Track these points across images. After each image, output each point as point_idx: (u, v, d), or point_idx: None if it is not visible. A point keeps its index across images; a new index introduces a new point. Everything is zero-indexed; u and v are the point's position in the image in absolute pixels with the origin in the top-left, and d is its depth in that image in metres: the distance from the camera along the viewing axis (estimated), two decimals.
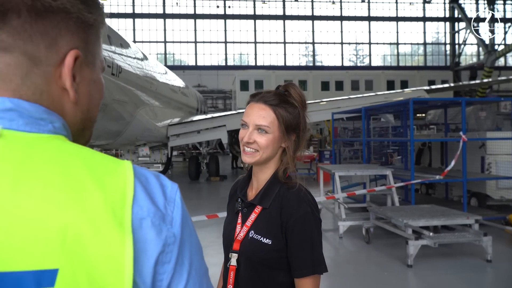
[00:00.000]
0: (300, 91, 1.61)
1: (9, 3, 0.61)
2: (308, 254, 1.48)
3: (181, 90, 18.29)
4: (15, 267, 0.53)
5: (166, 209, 0.64)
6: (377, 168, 8.12)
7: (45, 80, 0.65)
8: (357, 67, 39.42)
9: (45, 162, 0.59)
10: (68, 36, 0.66)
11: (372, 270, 5.44)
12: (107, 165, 0.62)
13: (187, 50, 38.92)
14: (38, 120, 0.63)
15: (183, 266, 0.64)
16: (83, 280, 0.55)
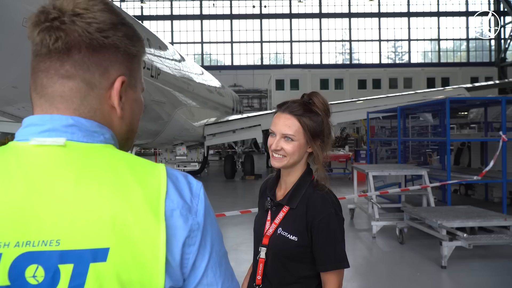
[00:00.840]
0: (324, 99, 1.75)
1: (72, 41, 0.79)
2: (332, 251, 1.64)
3: (217, 90, 18.62)
4: (78, 246, 0.71)
5: (192, 203, 0.81)
6: (412, 168, 8.03)
7: (98, 100, 0.83)
8: (396, 64, 38.59)
9: (99, 165, 0.77)
10: (116, 65, 0.84)
11: (405, 271, 5.43)
12: (146, 168, 0.80)
13: (223, 50, 39.44)
14: (93, 132, 0.81)
15: (206, 248, 0.81)
16: (128, 256, 0.72)
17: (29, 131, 0.80)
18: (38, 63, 0.81)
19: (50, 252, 0.70)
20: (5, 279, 0.69)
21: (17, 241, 0.70)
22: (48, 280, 0.70)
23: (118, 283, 0.72)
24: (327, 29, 39.13)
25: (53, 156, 0.77)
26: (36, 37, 0.79)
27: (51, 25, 0.78)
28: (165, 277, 0.74)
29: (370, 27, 39.17)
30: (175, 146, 14.50)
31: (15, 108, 6.89)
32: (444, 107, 7.86)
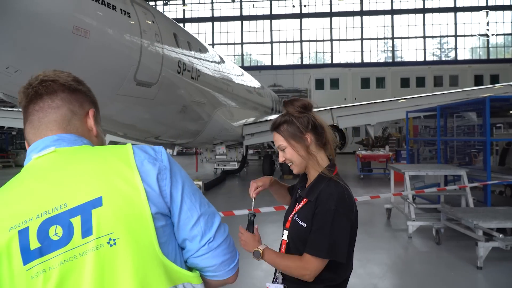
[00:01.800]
0: (300, 101, 1.98)
1: (59, 86, 1.19)
2: (315, 238, 1.81)
3: (256, 90, 18.85)
4: (80, 202, 1.01)
5: (156, 155, 1.14)
6: (450, 168, 7.89)
7: (80, 122, 1.22)
8: (441, 61, 37.35)
9: (82, 153, 1.12)
10: (87, 102, 1.25)
11: (440, 271, 5.39)
12: (116, 146, 1.14)
13: (263, 50, 39.68)
14: (74, 141, 1.17)
15: (177, 181, 1.12)
16: (117, 197, 1.02)
17: (31, 155, 1.15)
18: (33, 107, 1.17)
19: (62, 213, 0.99)
20: (36, 243, 0.97)
21: (37, 214, 0.99)
22: (66, 233, 0.98)
23: (115, 219, 1.00)
24: (368, 27, 38.45)
25: (48, 159, 1.11)
26: (30, 91, 1.16)
27: (41, 81, 1.17)
28: (149, 204, 1.03)
29: (414, 23, 38.10)
30: (215, 145, 14.86)
31: None
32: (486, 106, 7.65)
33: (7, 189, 1.09)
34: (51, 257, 0.96)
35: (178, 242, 1.11)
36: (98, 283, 0.96)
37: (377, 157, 15.86)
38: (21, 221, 0.98)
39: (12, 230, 0.97)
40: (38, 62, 5.86)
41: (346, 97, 29.27)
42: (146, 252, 1.00)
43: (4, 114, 16.59)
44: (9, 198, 1.05)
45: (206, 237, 1.11)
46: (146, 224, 1.01)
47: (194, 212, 1.11)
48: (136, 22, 7.43)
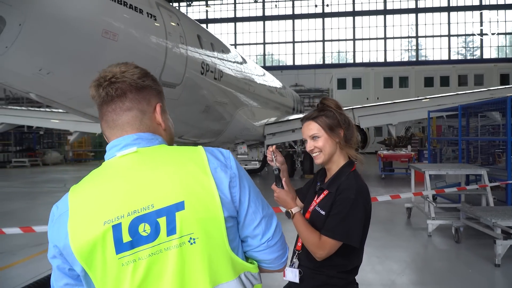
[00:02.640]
0: (334, 100, 2.19)
1: (126, 87, 1.29)
2: (333, 222, 1.97)
3: (278, 90, 18.99)
4: (165, 204, 1.16)
5: (226, 162, 1.27)
6: (471, 167, 7.86)
7: (150, 121, 1.32)
8: (466, 60, 36.63)
9: (162, 156, 1.25)
10: (153, 97, 1.34)
11: (459, 268, 5.45)
12: (190, 150, 1.28)
13: (285, 50, 39.77)
14: (151, 140, 1.29)
15: (245, 188, 1.28)
16: (196, 203, 1.17)
17: (113, 150, 1.28)
18: (106, 108, 1.30)
19: (149, 213, 1.15)
20: (127, 237, 1.14)
21: (128, 212, 1.15)
22: (153, 230, 1.15)
23: (195, 221, 1.16)
24: (392, 26, 38.08)
25: (133, 159, 1.24)
26: (101, 92, 1.28)
27: (110, 82, 1.28)
28: (222, 209, 1.19)
29: (439, 22, 37.52)
30: (236, 145, 15.08)
31: (95, 109, 7.73)
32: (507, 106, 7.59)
33: (96, 183, 1.23)
34: (140, 250, 1.13)
35: (241, 237, 1.29)
36: (179, 273, 1.14)
37: (399, 157, 15.79)
38: (114, 217, 1.14)
39: (107, 224, 1.14)
40: (69, 65, 6.18)
41: (369, 96, 29.09)
42: (219, 248, 1.18)
43: (33, 114, 17.22)
44: (101, 193, 1.19)
45: (266, 236, 1.30)
46: (219, 226, 1.18)
47: (258, 214, 1.28)
48: (162, 25, 7.69)
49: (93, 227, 1.14)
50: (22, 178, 17.95)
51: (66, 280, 1.24)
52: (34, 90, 6.50)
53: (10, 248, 6.39)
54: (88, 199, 1.19)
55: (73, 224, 1.16)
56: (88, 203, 1.18)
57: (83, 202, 1.19)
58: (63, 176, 18.60)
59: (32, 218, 9.01)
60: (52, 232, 1.22)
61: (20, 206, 10.66)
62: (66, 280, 1.24)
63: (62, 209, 1.22)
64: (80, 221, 1.16)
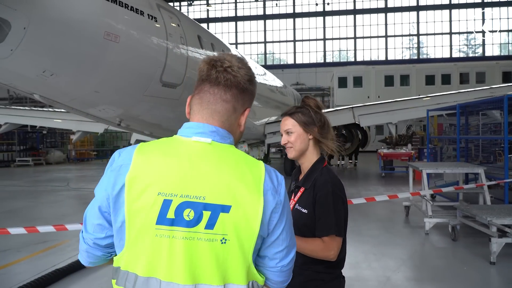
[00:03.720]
0: (315, 100, 2.31)
1: (235, 82, 1.38)
2: (324, 220, 2.06)
3: (278, 89, 19.08)
4: (214, 201, 1.25)
5: (278, 187, 1.34)
6: (468, 166, 7.95)
7: (234, 119, 1.42)
8: (468, 58, 36.57)
9: (228, 157, 1.33)
10: (247, 101, 1.45)
11: (454, 266, 5.54)
12: (254, 162, 1.35)
13: (286, 49, 39.81)
14: (225, 137, 1.37)
15: (284, 216, 1.35)
16: (241, 212, 1.26)
17: (189, 131, 1.36)
18: (209, 87, 1.38)
19: (199, 203, 1.25)
20: (172, 214, 1.24)
21: (181, 194, 1.25)
22: (195, 219, 1.25)
23: (233, 227, 1.25)
24: (393, 24, 38.06)
25: (204, 148, 1.33)
26: (213, 73, 1.37)
27: (225, 69, 1.37)
28: (260, 227, 1.27)
29: (440, 19, 37.47)
30: (237, 144, 15.17)
31: (97, 110, 7.84)
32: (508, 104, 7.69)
33: (164, 153, 1.32)
34: (177, 230, 1.24)
35: (260, 254, 1.39)
36: (201, 262, 1.26)
37: (399, 155, 15.87)
38: (169, 192, 1.25)
39: (160, 196, 1.25)
40: (72, 66, 6.29)
41: (370, 95, 29.12)
42: (243, 256, 1.28)
43: (36, 114, 17.37)
44: (165, 165, 1.28)
45: (282, 262, 1.40)
46: (251, 239, 1.28)
47: (285, 242, 1.37)
48: (162, 26, 7.79)
49: (148, 192, 1.25)
50: (26, 177, 18.12)
51: (101, 221, 1.36)
52: (38, 91, 6.62)
53: (15, 245, 6.52)
54: (152, 164, 1.28)
55: (132, 180, 1.27)
56: (150, 168, 1.28)
57: (147, 164, 1.28)
58: (66, 175, 18.75)
59: (36, 217, 9.15)
60: (108, 178, 1.33)
61: (24, 204, 10.80)
62: (101, 221, 1.36)
63: (125, 161, 1.31)
64: (139, 181, 1.26)
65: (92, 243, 1.39)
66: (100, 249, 1.40)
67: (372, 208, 9.33)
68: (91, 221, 1.38)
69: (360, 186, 13.42)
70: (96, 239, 1.38)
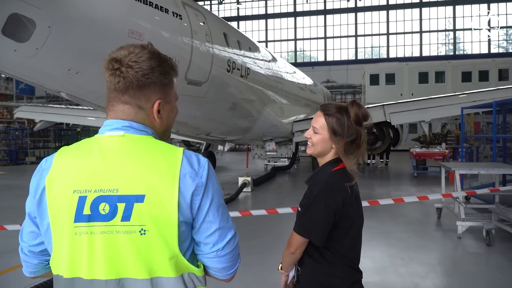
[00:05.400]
0: (362, 110, 2.01)
1: (128, 83, 1.34)
2: (298, 217, 2.01)
3: (308, 87, 18.83)
4: (128, 192, 1.25)
5: (199, 170, 1.32)
6: (505, 167, 7.52)
7: (145, 115, 1.39)
8: (508, 53, 34.99)
9: (142, 148, 1.32)
10: (155, 93, 1.39)
11: (488, 273, 5.23)
12: (170, 149, 1.33)
13: (317, 46, 39.33)
14: (140, 130, 1.36)
15: (208, 197, 1.32)
16: (155, 200, 1.25)
17: (105, 129, 1.37)
18: (109, 92, 1.38)
19: (112, 196, 1.26)
20: (88, 210, 1.25)
21: (95, 189, 1.26)
22: (111, 212, 1.25)
23: (150, 216, 1.24)
24: (428, 19, 36.88)
25: (117, 141, 1.33)
26: (107, 77, 1.36)
27: (114, 72, 1.34)
28: (178, 213, 1.26)
29: (478, 14, 35.98)
30: (264, 142, 15.07)
31: None
32: None
33: (79, 153, 1.33)
34: (95, 225, 1.25)
35: (195, 241, 1.36)
36: (122, 256, 1.25)
37: (432, 154, 15.29)
38: (83, 189, 1.26)
39: (75, 193, 1.26)
40: (96, 64, 6.33)
41: (403, 92, 28.36)
42: (166, 246, 1.26)
43: (70, 112, 17.89)
44: (79, 164, 1.30)
45: (216, 246, 1.34)
46: (172, 227, 1.25)
47: (213, 225, 1.33)
48: (188, 24, 7.76)
49: (64, 191, 1.27)
50: None
51: (32, 227, 1.38)
52: (64, 89, 6.72)
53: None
54: (68, 165, 1.31)
55: (50, 182, 1.29)
56: (67, 168, 1.30)
57: (64, 166, 1.31)
58: None
59: None
60: (32, 184, 1.35)
61: None
62: (32, 228, 1.38)
63: (47, 165, 1.35)
64: (56, 182, 1.29)
65: (27, 251, 1.42)
66: (35, 256, 1.42)
67: (402, 210, 9.00)
68: (25, 229, 1.41)
69: (391, 186, 13.03)
70: (30, 246, 1.40)
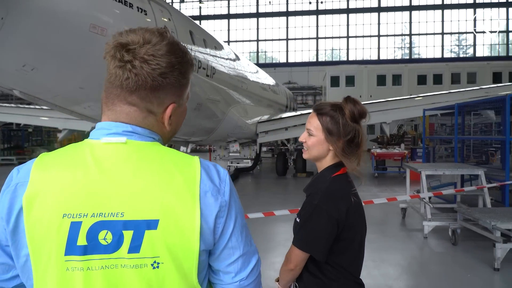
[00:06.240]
0: (359, 107, 1.86)
1: (140, 81, 1.04)
2: (299, 230, 1.83)
3: (271, 88, 18.80)
4: (137, 217, 0.98)
5: (220, 186, 1.07)
6: (468, 167, 7.74)
7: (155, 120, 1.11)
8: (459, 58, 36.68)
9: (150, 158, 1.05)
10: (169, 96, 1.11)
11: (456, 272, 5.31)
12: (184, 160, 1.07)
13: (279, 47, 39.57)
14: (145, 136, 1.08)
15: (231, 219, 1.08)
16: (172, 226, 0.99)
17: (100, 133, 1.06)
18: (112, 88, 1.07)
19: (116, 221, 0.98)
20: (83, 240, 0.96)
21: (93, 212, 0.97)
22: (114, 242, 0.97)
23: (165, 246, 0.99)
24: (386, 23, 38.01)
25: (118, 150, 1.04)
26: (112, 69, 1.05)
27: (125, 65, 1.03)
28: (200, 242, 1.01)
29: (433, 19, 37.51)
30: (228, 143, 14.87)
31: (82, 107, 7.48)
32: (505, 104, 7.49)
33: (68, 163, 1.03)
34: (93, 259, 0.97)
35: (212, 268, 1.12)
36: None
37: (392, 155, 15.69)
38: (76, 213, 0.97)
39: (66, 218, 0.96)
40: (54, 60, 5.94)
41: (362, 94, 29.02)
42: (184, 279, 1.02)
43: (21, 111, 16.89)
44: (70, 178, 0.99)
45: (239, 275, 1.12)
46: (192, 257, 1.02)
47: (236, 251, 1.10)
48: (153, 20, 7.46)
49: (50, 214, 0.97)
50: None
51: (3, 258, 1.05)
52: (18, 87, 6.24)
53: None
54: (54, 179, 1.00)
55: (30, 202, 0.98)
56: (52, 184, 0.99)
57: (47, 180, 1.00)
58: None
59: None
60: (2, 200, 1.01)
61: None
62: (3, 259, 1.05)
63: (22, 178, 1.02)
64: (39, 202, 0.98)
65: None
66: None
67: (367, 210, 9.06)
68: None
69: None
70: (2, 282, 1.07)
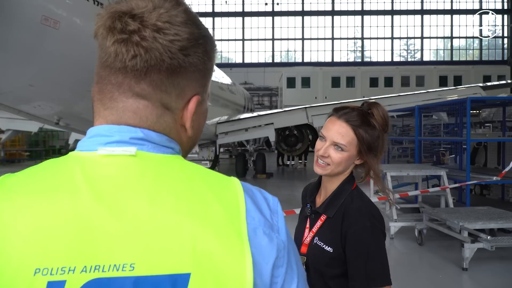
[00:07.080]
0: (384, 112, 1.64)
1: (152, 60, 0.71)
2: (362, 266, 1.50)
3: (229, 88, 18.57)
4: (155, 272, 0.62)
5: (272, 220, 0.72)
6: (430, 168, 7.92)
7: (172, 120, 0.77)
8: (408, 62, 38.21)
9: (173, 177, 0.70)
10: (193, 84, 0.78)
11: (425, 272, 5.35)
12: (221, 181, 0.73)
13: (235, 47, 39.37)
14: (162, 146, 0.74)
15: (293, 269, 0.72)
16: (210, 282, 0.63)
17: (95, 141, 0.72)
18: (109, 75, 0.73)
19: (123, 279, 0.61)
20: None
21: (84, 265, 0.60)
22: None
23: None
24: (339, 27, 38.86)
25: (124, 167, 0.68)
26: (109, 46, 0.71)
27: (129, 38, 0.70)
28: None
29: (383, 24, 38.80)
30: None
31: (31, 106, 6.93)
32: (463, 107, 7.74)
33: (46, 187, 0.67)
34: None
35: None
36: None
37: None
38: (56, 266, 0.60)
39: (39, 276, 0.59)
40: (1, 54, 5.43)
41: (317, 95, 29.44)
42: None
43: None
44: (48, 211, 0.63)
45: None
46: None
47: None
48: None
49: (15, 270, 0.59)
50: None
51: None
52: None
53: None
54: (23, 213, 0.63)
55: None
56: (20, 221, 0.62)
57: (12, 214, 0.63)
58: None
59: None
60: None
61: None
62: None
63: None
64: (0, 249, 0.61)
65: None
66: None
67: None
68: None
69: None
70: None
